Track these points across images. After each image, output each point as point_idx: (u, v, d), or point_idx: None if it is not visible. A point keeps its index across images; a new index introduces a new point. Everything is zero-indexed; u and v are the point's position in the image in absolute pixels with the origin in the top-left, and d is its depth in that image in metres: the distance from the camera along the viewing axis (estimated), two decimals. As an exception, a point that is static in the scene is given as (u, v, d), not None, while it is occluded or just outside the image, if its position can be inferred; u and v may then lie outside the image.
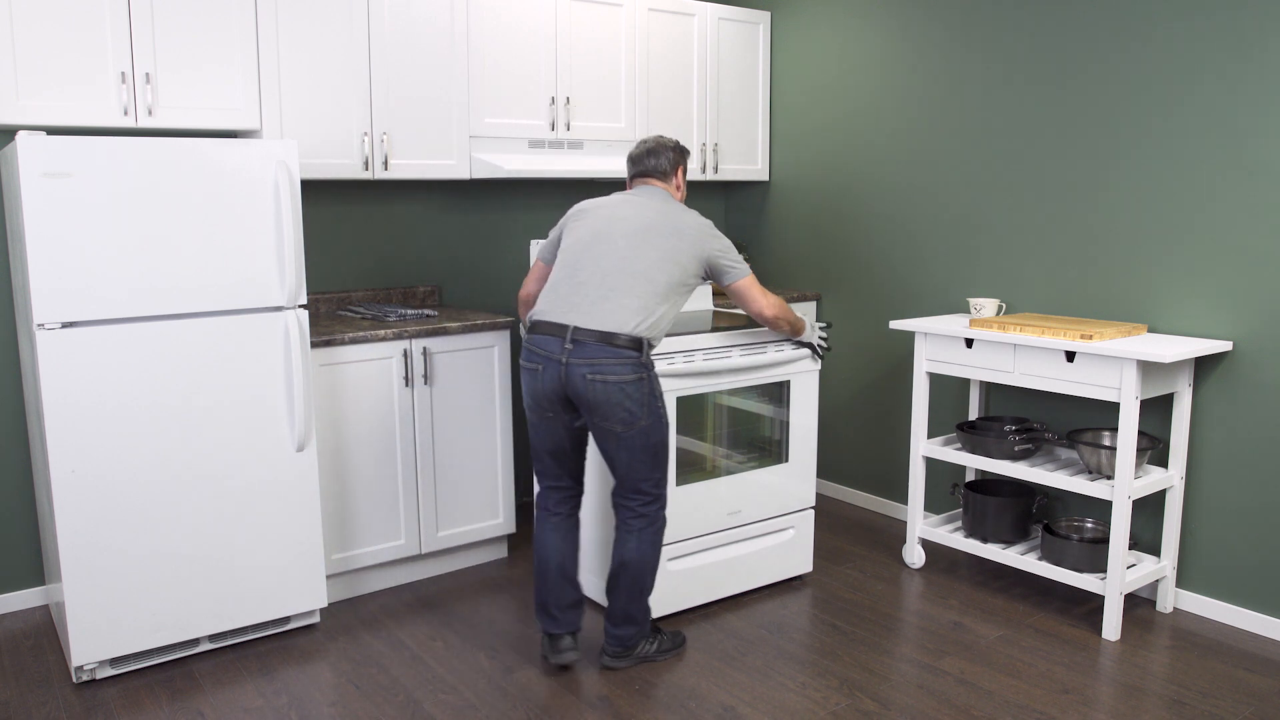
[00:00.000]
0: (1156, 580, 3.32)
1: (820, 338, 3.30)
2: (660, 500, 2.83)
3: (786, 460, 3.45)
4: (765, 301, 2.96)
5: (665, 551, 3.18)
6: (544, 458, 2.85)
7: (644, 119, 4.21)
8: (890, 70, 4.09)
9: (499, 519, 3.71)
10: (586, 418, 2.72)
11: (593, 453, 3.21)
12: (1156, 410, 3.35)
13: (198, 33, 3.13)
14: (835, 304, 4.44)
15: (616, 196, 2.88)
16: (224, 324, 2.91)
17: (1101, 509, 3.55)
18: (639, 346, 2.68)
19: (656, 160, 2.93)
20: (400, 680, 2.87)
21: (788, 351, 3.35)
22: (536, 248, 3.35)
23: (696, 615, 3.27)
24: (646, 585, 2.84)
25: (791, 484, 3.46)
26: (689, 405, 3.19)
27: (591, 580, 3.32)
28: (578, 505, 2.93)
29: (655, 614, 3.19)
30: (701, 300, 3.80)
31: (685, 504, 3.20)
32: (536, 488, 2.94)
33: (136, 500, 2.83)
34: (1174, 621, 3.23)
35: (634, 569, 2.81)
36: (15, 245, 2.95)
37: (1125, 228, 3.36)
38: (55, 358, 2.67)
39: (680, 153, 2.96)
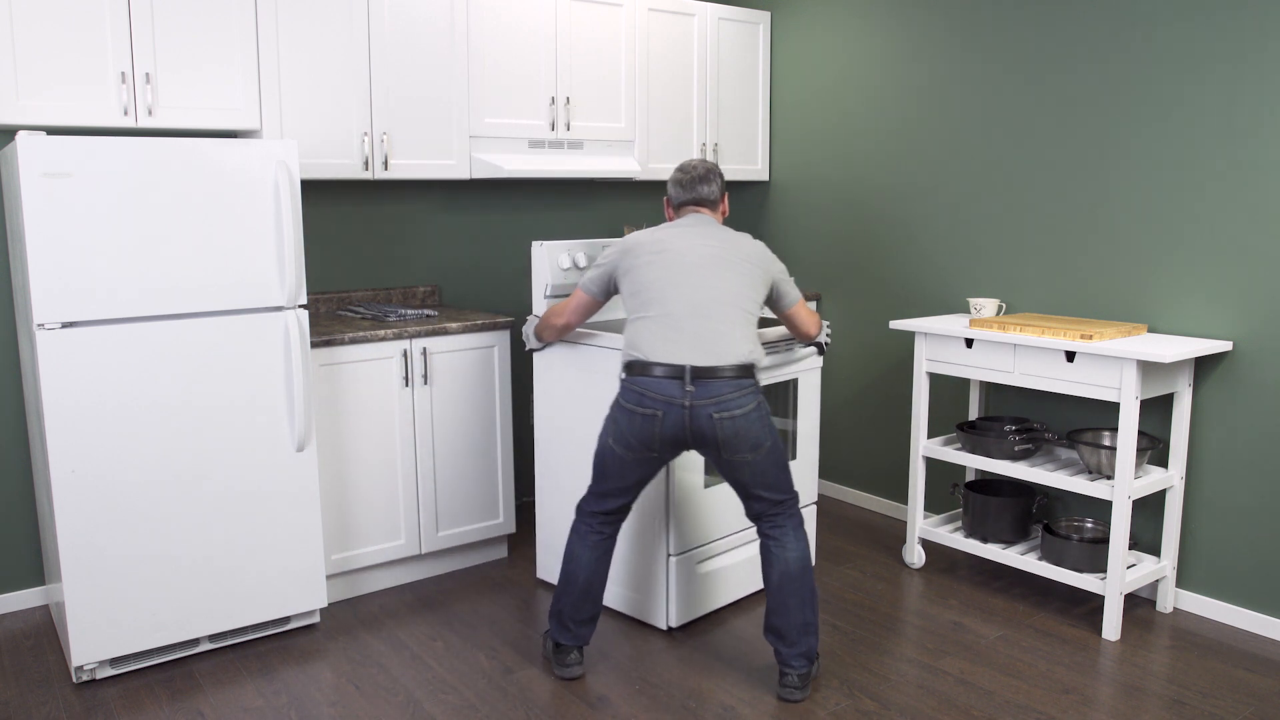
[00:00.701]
0: (1156, 580, 3.32)
1: (826, 334, 3.30)
2: (797, 496, 2.77)
3: (794, 458, 3.46)
4: (811, 320, 2.99)
5: (692, 556, 3.18)
6: (623, 490, 2.76)
7: (644, 119, 4.21)
8: (890, 70, 4.09)
9: (499, 519, 3.71)
10: (710, 454, 2.65)
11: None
12: (1156, 410, 3.35)
13: (198, 33, 3.13)
14: (835, 304, 4.44)
15: (672, 229, 2.78)
16: (224, 324, 2.91)
17: (1101, 509, 3.55)
18: (751, 373, 2.66)
19: (709, 188, 2.86)
20: (400, 680, 2.87)
21: (798, 350, 3.39)
22: (544, 249, 3.31)
23: (697, 616, 3.27)
24: (814, 585, 2.74)
25: (797, 483, 3.47)
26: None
27: (619, 592, 3.29)
28: (621, 524, 2.88)
29: (678, 622, 3.18)
30: None
31: (713, 507, 3.21)
32: (590, 504, 2.82)
33: (136, 500, 2.83)
34: (1174, 621, 3.23)
35: (800, 569, 2.71)
36: (15, 245, 2.95)
37: (1125, 228, 3.36)
38: (55, 358, 2.67)
39: (724, 179, 2.94)
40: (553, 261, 3.34)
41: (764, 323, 3.40)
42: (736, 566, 3.35)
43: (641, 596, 3.21)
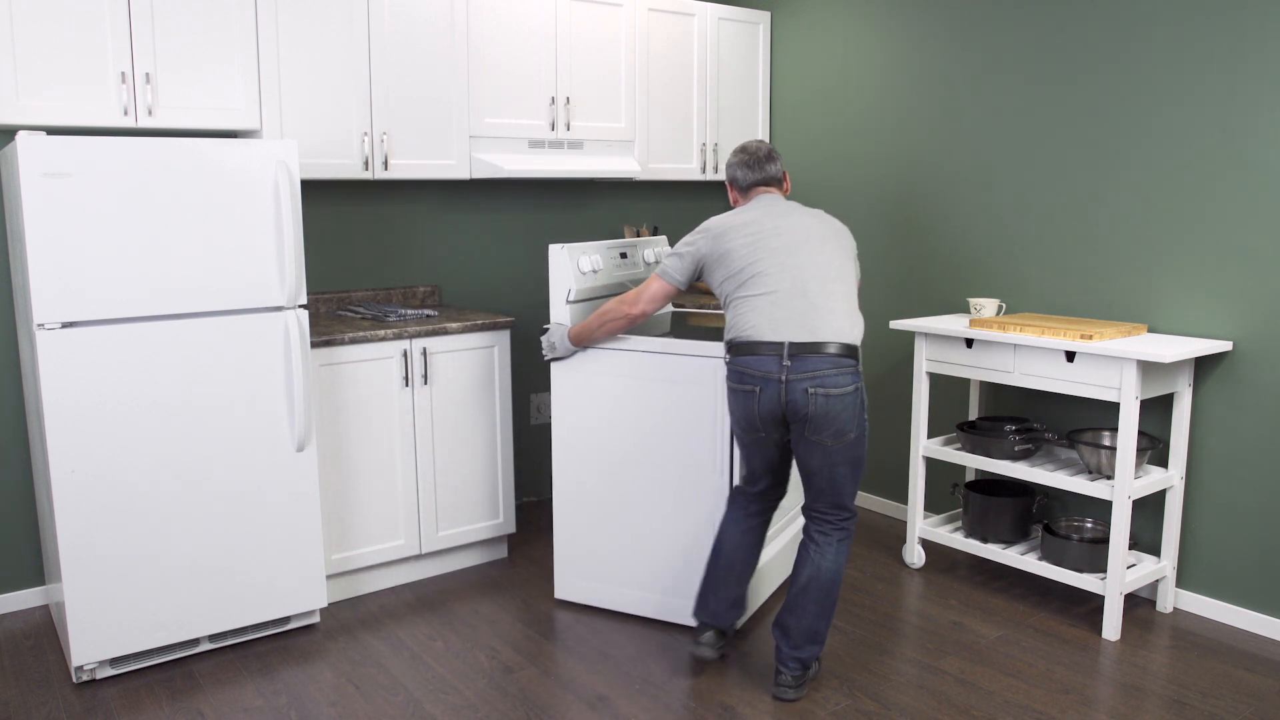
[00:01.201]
0: (1156, 580, 3.32)
1: None
2: (855, 514, 2.75)
3: None
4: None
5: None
6: (760, 469, 2.78)
7: (644, 119, 4.21)
8: (890, 70, 4.09)
9: (499, 519, 3.71)
10: (796, 431, 2.63)
11: (661, 459, 3.13)
12: (1156, 410, 3.35)
13: (198, 33, 3.13)
14: (835, 304, 4.44)
15: (755, 210, 2.77)
16: (224, 324, 2.91)
17: (1101, 509, 3.54)
18: (854, 354, 2.63)
19: (775, 167, 2.87)
20: (400, 680, 2.87)
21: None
22: (565, 252, 3.15)
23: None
24: (836, 600, 2.72)
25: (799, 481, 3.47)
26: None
27: (652, 598, 3.23)
28: (774, 509, 2.88)
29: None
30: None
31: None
32: (743, 484, 2.86)
33: (136, 500, 2.83)
34: (1174, 621, 3.23)
35: (829, 581, 2.69)
36: (15, 245, 2.95)
37: (1125, 228, 3.36)
38: (55, 358, 2.67)
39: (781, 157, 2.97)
40: (574, 265, 3.17)
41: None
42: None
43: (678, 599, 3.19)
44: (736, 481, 2.85)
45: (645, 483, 3.16)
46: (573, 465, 3.29)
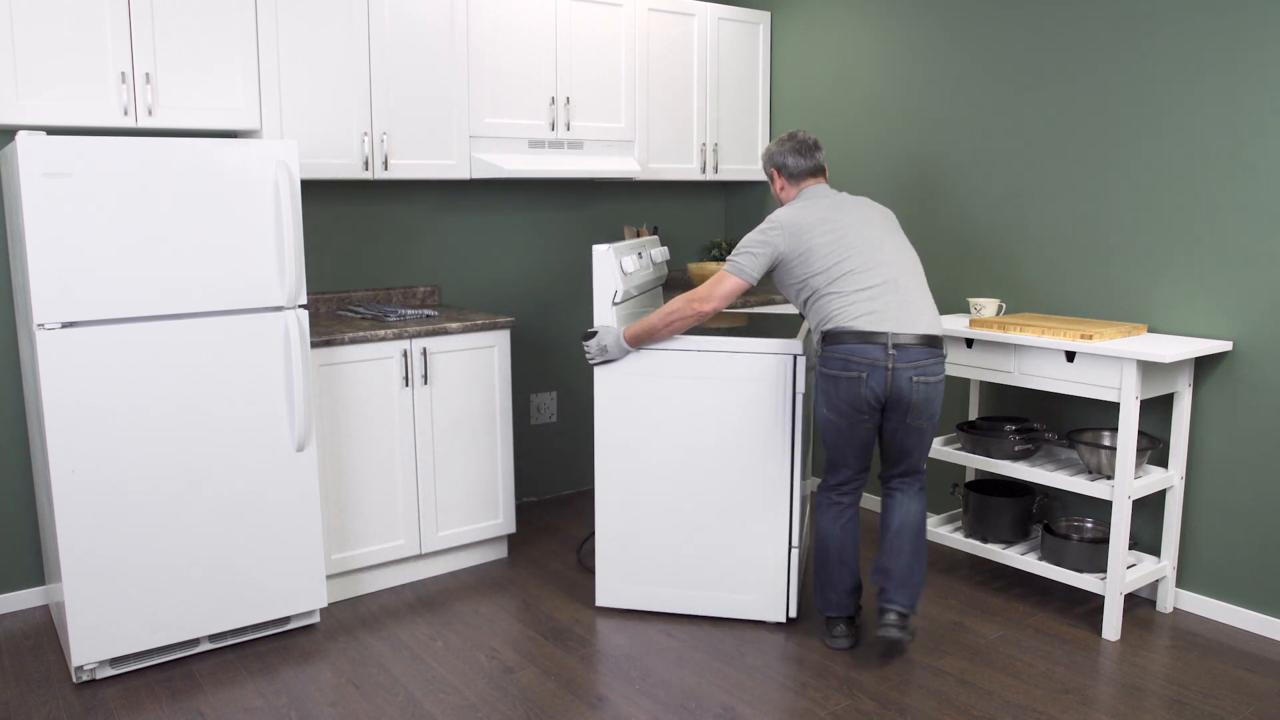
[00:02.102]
0: (1156, 580, 3.32)
1: None
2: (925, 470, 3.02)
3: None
4: None
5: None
6: (849, 456, 2.91)
7: (644, 119, 4.21)
8: (890, 71, 4.09)
9: (499, 519, 3.71)
10: (896, 417, 2.82)
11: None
12: (1156, 410, 3.35)
13: (198, 33, 3.13)
14: (835, 304, 4.44)
15: (823, 203, 2.92)
16: (224, 324, 2.91)
17: (1101, 509, 3.54)
18: (941, 345, 2.84)
19: (822, 154, 3.05)
20: (400, 680, 2.87)
21: None
22: (609, 253, 3.08)
23: (699, 615, 3.27)
24: (926, 542, 3.00)
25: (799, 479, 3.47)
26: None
27: (714, 596, 3.22)
28: (861, 492, 3.03)
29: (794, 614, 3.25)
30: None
31: None
32: (826, 480, 2.99)
33: (136, 500, 2.83)
34: (1174, 621, 3.23)
35: (917, 523, 2.94)
36: (15, 245, 2.95)
37: (1125, 228, 3.36)
38: (55, 358, 2.67)
39: None
40: (619, 265, 3.12)
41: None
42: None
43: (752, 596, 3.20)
44: (820, 481, 3.03)
45: (703, 482, 3.16)
46: (620, 469, 3.20)
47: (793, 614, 3.19)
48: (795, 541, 3.14)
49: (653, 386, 3.15)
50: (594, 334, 3.12)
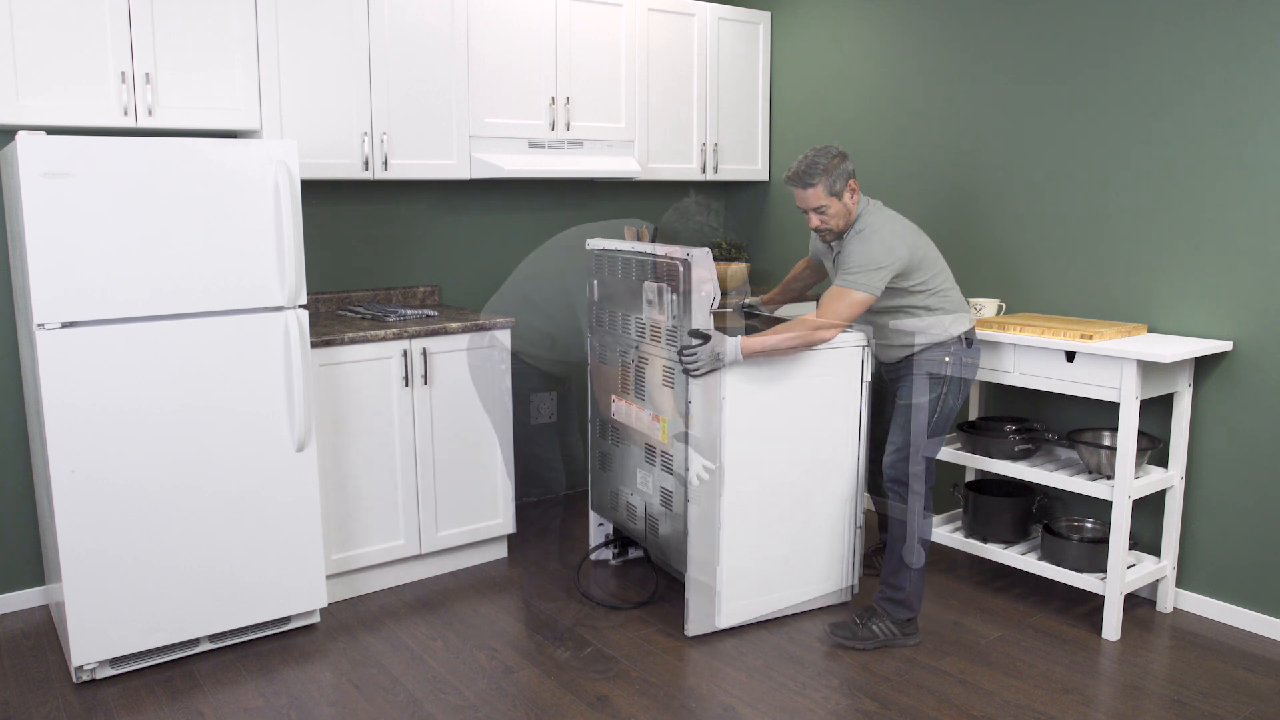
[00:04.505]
0: (1156, 580, 3.32)
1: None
2: None
3: None
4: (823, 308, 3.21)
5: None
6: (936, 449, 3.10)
7: (644, 119, 4.21)
8: (890, 70, 4.08)
9: (499, 519, 3.71)
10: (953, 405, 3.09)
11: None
12: (1156, 410, 3.35)
13: (198, 33, 3.13)
14: (835, 304, 4.44)
15: (893, 213, 3.04)
16: (224, 324, 2.91)
17: (1101, 509, 3.54)
18: None
19: None
20: (400, 680, 2.87)
21: None
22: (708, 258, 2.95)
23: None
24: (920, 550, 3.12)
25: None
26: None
27: (825, 585, 3.24)
28: None
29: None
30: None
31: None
32: (901, 469, 3.07)
33: (136, 500, 2.83)
34: (1174, 621, 3.23)
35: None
36: (15, 245, 2.95)
37: (1125, 228, 3.36)
38: (55, 358, 2.67)
39: None
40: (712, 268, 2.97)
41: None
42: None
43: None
44: (897, 466, 3.07)
45: (802, 482, 3.18)
46: (748, 484, 3.08)
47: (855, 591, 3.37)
48: (860, 521, 3.32)
49: (768, 394, 3.05)
50: (703, 341, 2.87)
